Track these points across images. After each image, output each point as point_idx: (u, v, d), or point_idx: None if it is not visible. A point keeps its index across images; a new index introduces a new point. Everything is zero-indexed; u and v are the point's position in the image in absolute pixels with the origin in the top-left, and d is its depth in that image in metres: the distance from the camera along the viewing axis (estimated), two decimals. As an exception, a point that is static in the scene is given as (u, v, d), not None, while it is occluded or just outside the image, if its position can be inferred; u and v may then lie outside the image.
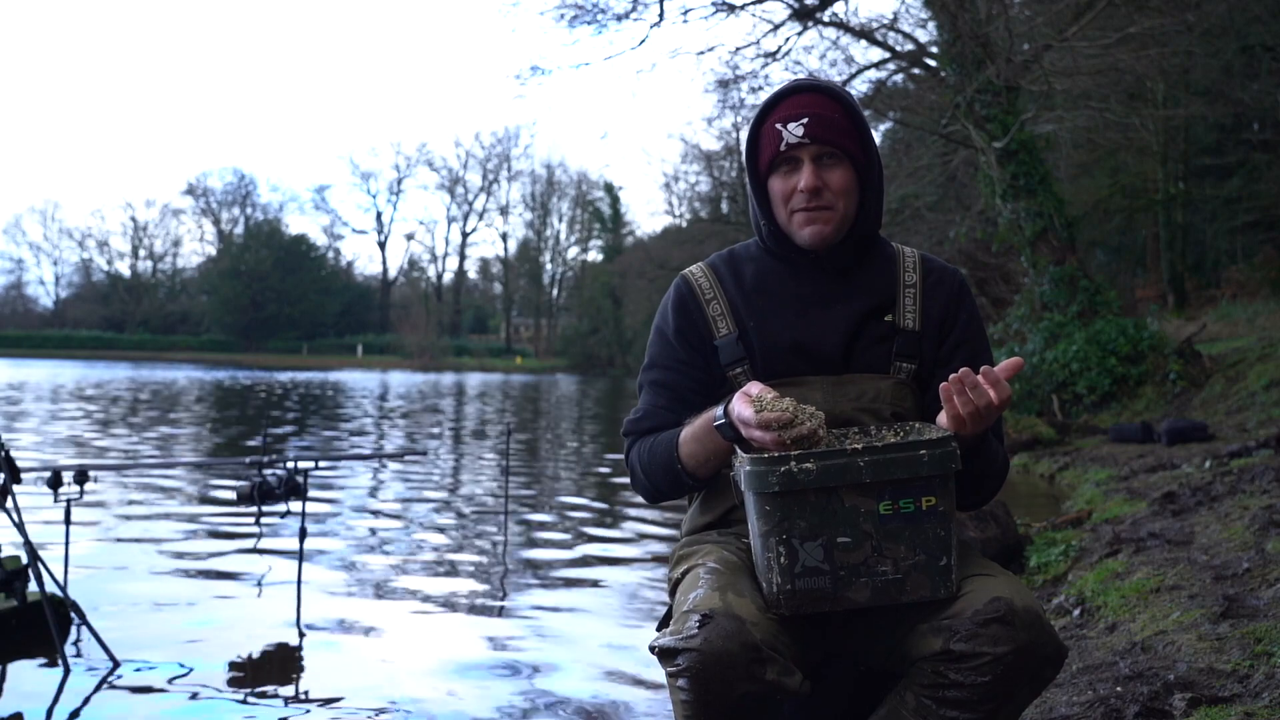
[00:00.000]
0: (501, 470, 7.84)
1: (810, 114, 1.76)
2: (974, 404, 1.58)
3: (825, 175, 1.78)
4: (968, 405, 1.58)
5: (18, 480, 3.54)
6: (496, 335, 78.46)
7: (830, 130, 1.76)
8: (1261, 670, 2.63)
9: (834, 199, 1.79)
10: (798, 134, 1.76)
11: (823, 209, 1.79)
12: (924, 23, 17.39)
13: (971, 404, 1.58)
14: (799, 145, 1.77)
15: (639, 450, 1.89)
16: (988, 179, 13.94)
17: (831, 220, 1.80)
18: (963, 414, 1.59)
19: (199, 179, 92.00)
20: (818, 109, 1.77)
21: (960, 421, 1.60)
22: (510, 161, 76.27)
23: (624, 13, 16.16)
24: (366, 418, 17.90)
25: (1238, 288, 22.10)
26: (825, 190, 1.78)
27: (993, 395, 1.57)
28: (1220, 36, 17.13)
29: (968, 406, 1.58)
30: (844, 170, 1.79)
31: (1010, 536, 4.99)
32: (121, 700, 3.28)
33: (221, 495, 7.72)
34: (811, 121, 1.76)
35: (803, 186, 1.78)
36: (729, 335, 1.85)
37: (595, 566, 5.56)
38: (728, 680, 1.46)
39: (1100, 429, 10.82)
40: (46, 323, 76.12)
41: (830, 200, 1.79)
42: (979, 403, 1.58)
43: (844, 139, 1.78)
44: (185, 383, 30.21)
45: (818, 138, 1.76)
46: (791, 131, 1.76)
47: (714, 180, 38.75)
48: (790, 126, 1.76)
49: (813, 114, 1.77)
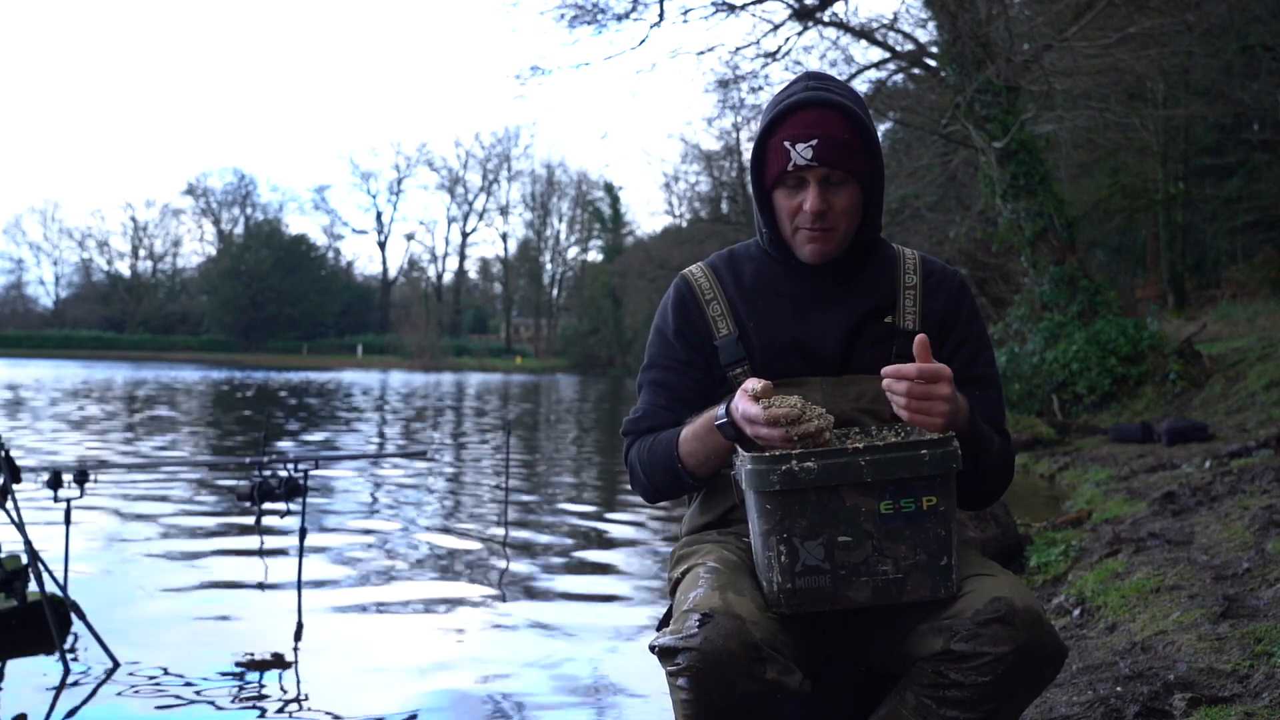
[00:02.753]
0: (501, 469, 7.84)
1: (820, 135, 1.73)
2: (902, 398, 1.57)
3: (831, 198, 1.77)
4: (899, 404, 1.58)
5: (18, 480, 3.54)
6: (496, 335, 78.45)
7: (839, 154, 1.74)
8: (1261, 670, 2.63)
9: (837, 220, 1.78)
10: (806, 156, 1.74)
11: (826, 230, 1.78)
12: (924, 23, 17.39)
13: (901, 399, 1.57)
14: (807, 168, 1.75)
15: (638, 450, 1.88)
16: (988, 179, 13.94)
17: (833, 240, 1.80)
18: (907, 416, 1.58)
19: (199, 179, 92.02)
20: (828, 130, 1.74)
21: (920, 421, 1.59)
22: (510, 161, 76.35)
23: (624, 13, 16.16)
24: (366, 417, 17.90)
25: (1238, 288, 22.09)
26: (830, 213, 1.77)
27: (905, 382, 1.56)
28: (1220, 36, 17.11)
29: (900, 404, 1.58)
30: (850, 191, 1.78)
31: (1010, 536, 4.99)
32: (121, 700, 3.28)
33: (221, 495, 7.72)
34: (821, 144, 1.73)
35: (809, 209, 1.76)
36: (729, 335, 1.85)
37: (595, 566, 5.56)
38: (728, 679, 1.46)
39: (1100, 429, 10.82)
40: (46, 323, 76.09)
41: (834, 222, 1.78)
42: (900, 392, 1.57)
43: (852, 162, 1.75)
44: (185, 383, 30.21)
45: (825, 160, 1.74)
46: (800, 153, 1.74)
47: (714, 180, 38.80)
48: (799, 147, 1.74)
49: (822, 135, 1.73)
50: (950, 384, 1.59)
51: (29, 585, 3.61)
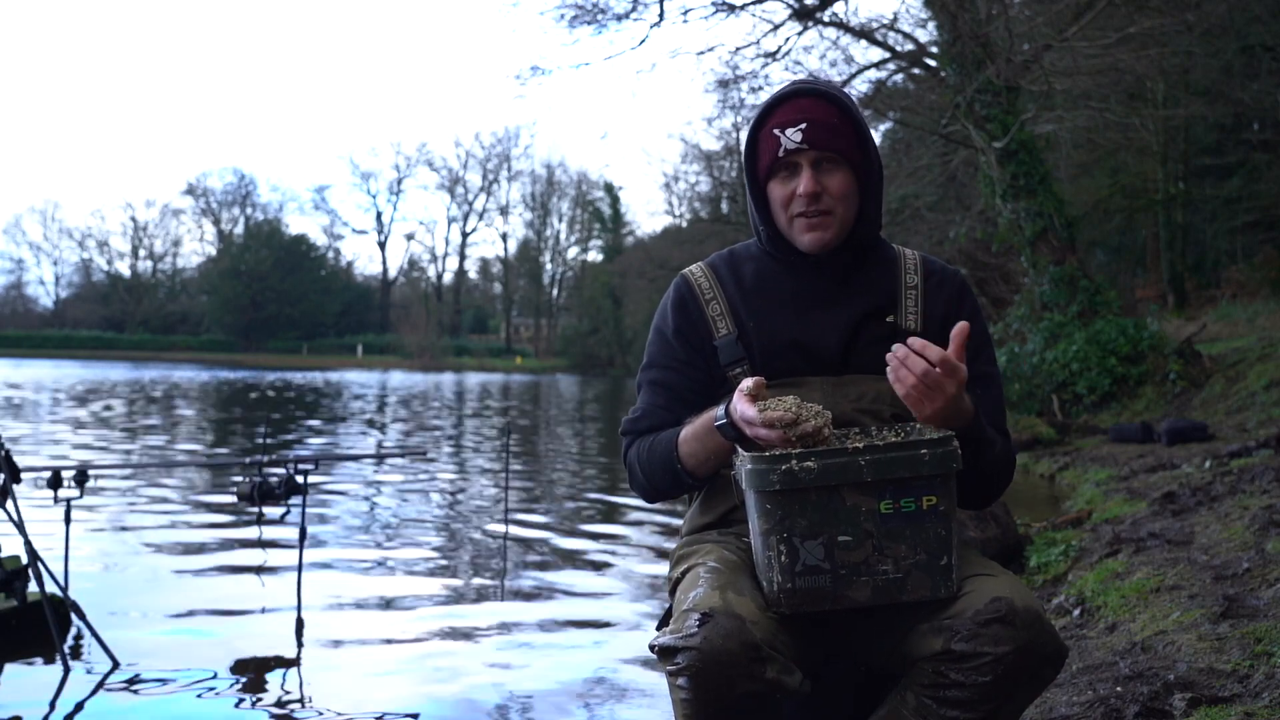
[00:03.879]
0: (501, 469, 7.84)
1: (808, 119, 1.75)
2: (912, 377, 1.57)
3: (824, 180, 1.77)
4: (905, 380, 1.58)
5: (18, 480, 3.54)
6: (496, 335, 78.44)
7: (829, 135, 1.76)
8: (1261, 670, 2.63)
9: (833, 203, 1.78)
10: (796, 140, 1.75)
11: (822, 213, 1.78)
12: (924, 23, 17.38)
13: (910, 377, 1.58)
14: (797, 151, 1.76)
15: (638, 450, 1.88)
16: (988, 179, 13.93)
17: (831, 226, 1.80)
18: (904, 391, 1.59)
19: (199, 179, 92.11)
20: (816, 114, 1.76)
21: (914, 402, 1.59)
22: (510, 161, 76.36)
23: (624, 13, 16.16)
24: (366, 417, 17.90)
25: (1238, 288, 22.08)
26: (825, 195, 1.77)
27: (924, 363, 1.56)
28: (1220, 36, 17.10)
29: (906, 381, 1.58)
30: (843, 175, 1.78)
31: (1010, 536, 4.99)
32: (121, 700, 3.28)
33: (222, 495, 7.72)
34: (810, 127, 1.75)
35: (802, 191, 1.77)
36: (728, 335, 1.85)
37: (595, 565, 5.56)
38: (728, 679, 1.46)
39: (1100, 429, 10.82)
40: (46, 323, 76.07)
41: (830, 205, 1.78)
42: (915, 371, 1.57)
43: (842, 144, 1.77)
44: (185, 383, 30.20)
45: (816, 143, 1.75)
46: (790, 137, 1.75)
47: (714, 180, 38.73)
48: (788, 132, 1.75)
49: (811, 119, 1.75)
50: (961, 387, 1.59)
51: (29, 585, 3.61)
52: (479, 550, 5.98)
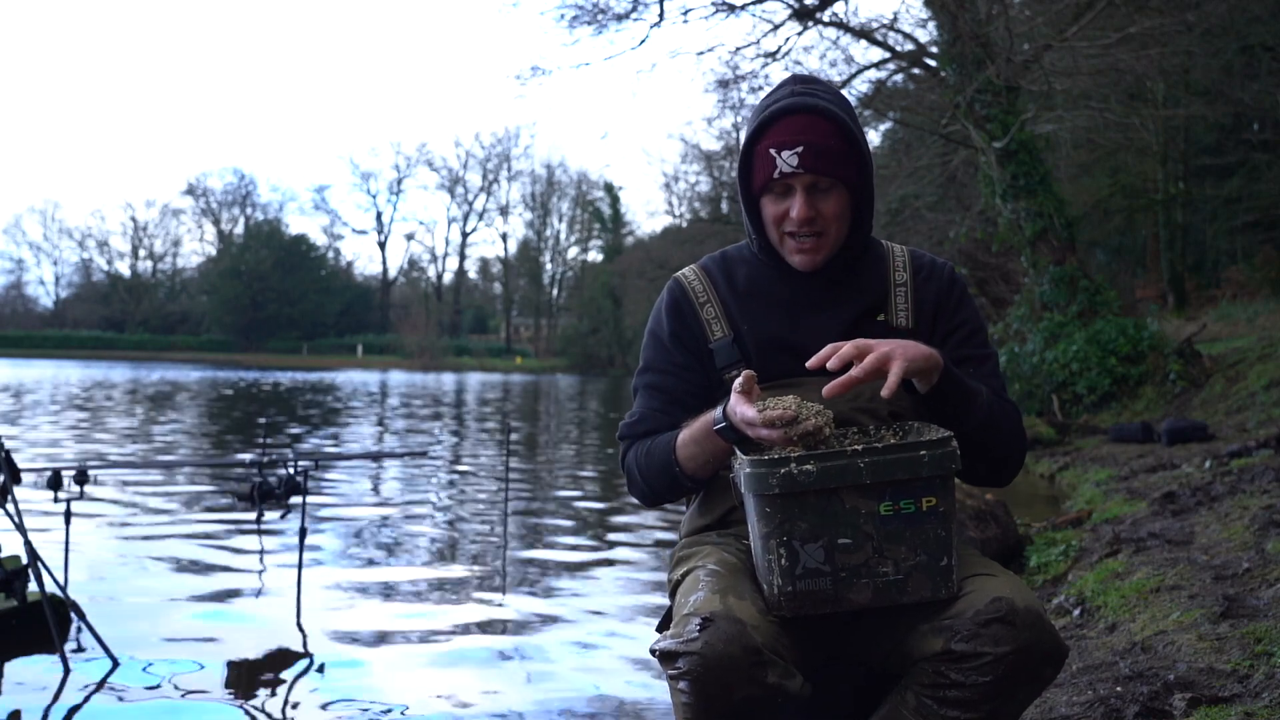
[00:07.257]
0: (501, 468, 7.84)
1: (805, 142, 1.72)
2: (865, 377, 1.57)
3: (818, 204, 1.76)
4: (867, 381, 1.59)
5: (18, 480, 3.54)
6: (496, 335, 78.42)
7: (825, 160, 1.73)
8: (1261, 670, 2.63)
9: (826, 225, 1.77)
10: (792, 164, 1.73)
11: (815, 235, 1.78)
12: (924, 23, 17.39)
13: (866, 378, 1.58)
14: (793, 175, 1.74)
15: (635, 454, 1.88)
16: (988, 179, 13.93)
17: (822, 248, 1.79)
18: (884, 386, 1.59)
19: (199, 179, 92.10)
20: (813, 136, 1.73)
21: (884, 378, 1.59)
22: (510, 161, 76.25)
23: (624, 13, 16.14)
24: (366, 417, 17.90)
25: (1238, 288, 22.10)
26: (818, 219, 1.77)
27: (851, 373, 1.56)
28: (1220, 36, 17.08)
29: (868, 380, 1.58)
30: (837, 196, 1.77)
31: (1010, 536, 5.00)
32: (121, 700, 3.28)
33: (222, 496, 7.72)
34: (806, 151, 1.72)
35: (794, 215, 1.76)
36: (724, 338, 1.85)
37: (595, 566, 5.56)
38: (728, 684, 1.46)
39: (1100, 429, 10.82)
40: (46, 323, 76.05)
41: (822, 227, 1.77)
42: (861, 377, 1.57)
43: (839, 168, 1.74)
44: (185, 383, 30.20)
45: (812, 168, 1.73)
46: (786, 160, 1.73)
47: (714, 180, 38.72)
48: (785, 154, 1.73)
49: (808, 142, 1.72)
50: (889, 347, 1.59)
51: (29, 585, 3.61)
52: (478, 549, 5.98)
